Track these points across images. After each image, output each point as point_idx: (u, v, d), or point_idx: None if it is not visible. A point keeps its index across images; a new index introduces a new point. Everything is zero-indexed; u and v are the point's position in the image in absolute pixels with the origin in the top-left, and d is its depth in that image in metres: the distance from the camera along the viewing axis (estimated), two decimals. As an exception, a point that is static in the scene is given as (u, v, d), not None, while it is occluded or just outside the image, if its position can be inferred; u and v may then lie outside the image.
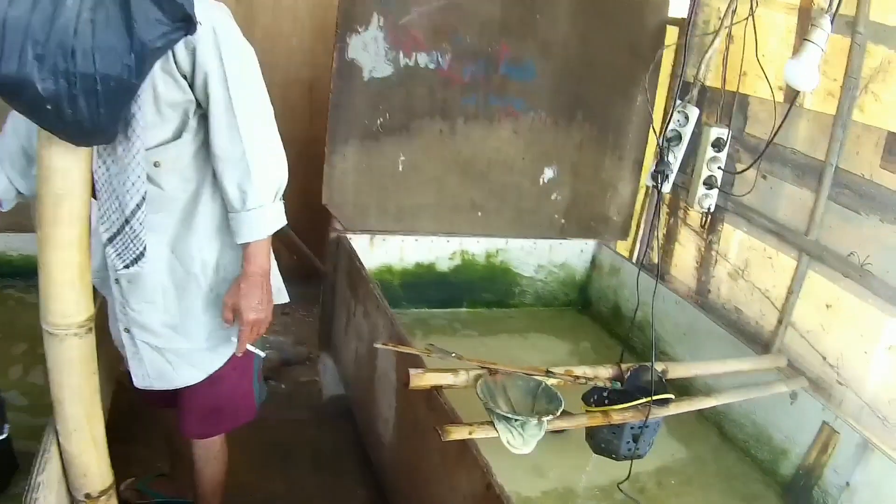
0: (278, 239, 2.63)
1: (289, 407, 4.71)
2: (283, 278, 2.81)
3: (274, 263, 2.76)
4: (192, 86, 2.34)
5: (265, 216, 2.51)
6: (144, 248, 2.37)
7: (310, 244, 6.06)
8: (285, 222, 2.59)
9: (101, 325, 2.70)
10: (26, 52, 1.72)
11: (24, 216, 3.29)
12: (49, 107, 1.79)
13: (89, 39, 1.78)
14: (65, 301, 2.17)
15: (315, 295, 5.01)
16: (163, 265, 2.57)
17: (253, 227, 2.50)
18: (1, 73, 1.72)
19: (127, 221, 2.32)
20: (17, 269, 4.47)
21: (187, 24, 1.96)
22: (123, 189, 2.27)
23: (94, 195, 2.27)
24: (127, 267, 2.38)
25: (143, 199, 2.29)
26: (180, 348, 2.72)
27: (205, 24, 2.20)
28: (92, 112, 1.85)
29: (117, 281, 2.56)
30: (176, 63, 2.25)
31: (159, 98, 2.31)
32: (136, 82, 1.89)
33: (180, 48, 2.21)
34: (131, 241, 2.35)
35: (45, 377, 2.29)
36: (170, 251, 2.57)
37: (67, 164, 2.02)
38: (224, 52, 2.30)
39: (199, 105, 2.40)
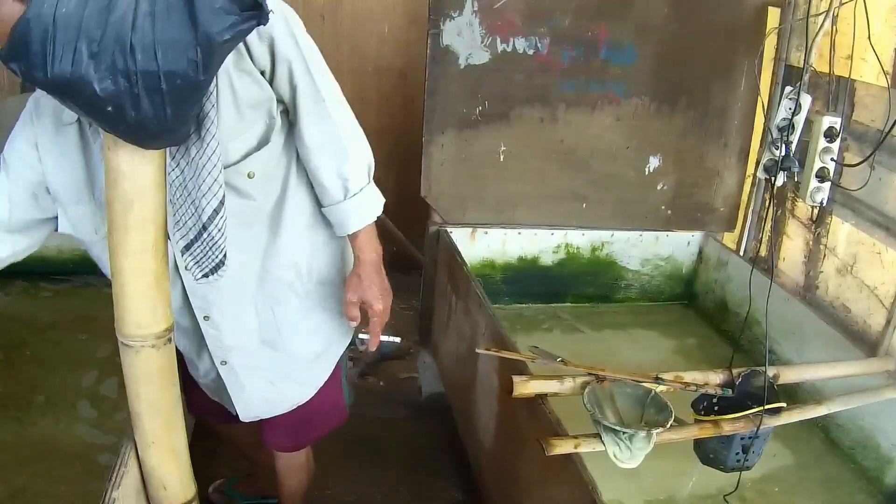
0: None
1: (386, 404, 4.67)
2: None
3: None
4: (272, 81, 2.23)
5: (369, 199, 2.45)
6: (224, 256, 2.24)
7: (409, 234, 6.01)
8: (384, 200, 2.52)
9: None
10: (81, 50, 1.60)
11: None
12: (110, 108, 1.67)
13: (150, 33, 1.64)
14: (139, 311, 2.06)
15: (415, 286, 4.92)
16: (253, 280, 2.48)
17: (362, 213, 2.45)
18: (54, 73, 1.60)
19: (204, 228, 2.18)
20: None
21: (258, 13, 1.81)
22: (199, 194, 2.13)
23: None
24: (206, 276, 2.26)
25: (222, 203, 2.15)
26: (282, 365, 2.64)
27: (276, 13, 2.07)
28: (158, 112, 1.72)
29: (206, 318, 2.47)
30: (252, 59, 2.15)
31: (240, 101, 2.18)
32: (203, 79, 1.76)
33: (255, 43, 2.12)
34: (210, 249, 2.22)
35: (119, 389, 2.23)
36: (260, 264, 2.47)
37: (136, 168, 1.90)
38: (300, 40, 2.21)
39: (279, 101, 2.30)
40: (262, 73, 2.20)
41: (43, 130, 2.18)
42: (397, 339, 2.71)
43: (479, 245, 4.52)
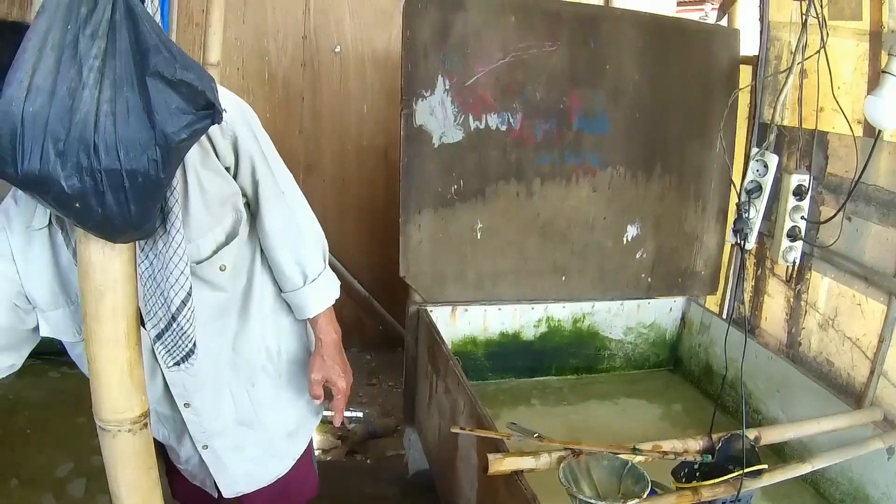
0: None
1: (374, 482, 4.67)
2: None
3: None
4: (236, 176, 2.36)
5: (327, 283, 2.57)
6: (194, 345, 2.29)
7: (395, 312, 6.03)
8: (339, 282, 2.63)
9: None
10: (48, 148, 1.66)
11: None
12: (77, 205, 1.73)
13: (112, 133, 1.70)
14: (115, 398, 2.10)
15: (402, 364, 4.90)
16: (226, 365, 2.54)
17: (320, 297, 2.55)
18: (24, 170, 1.65)
19: (174, 318, 2.24)
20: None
21: (213, 112, 1.87)
22: (167, 285, 2.19)
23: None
24: (178, 364, 2.31)
25: (189, 294, 2.21)
26: (261, 442, 2.69)
27: (232, 110, 2.25)
28: (122, 209, 1.78)
29: (187, 405, 2.53)
30: (218, 156, 2.28)
31: (208, 198, 2.28)
32: (164, 176, 1.81)
33: (219, 140, 2.25)
34: (180, 338, 2.27)
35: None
36: (231, 350, 2.53)
37: (106, 259, 1.95)
38: (259, 135, 2.39)
39: (242, 194, 2.41)
40: (227, 169, 2.32)
41: (15, 240, 2.22)
42: (359, 414, 2.76)
43: (461, 322, 4.53)
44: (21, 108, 1.63)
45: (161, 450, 2.67)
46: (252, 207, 2.46)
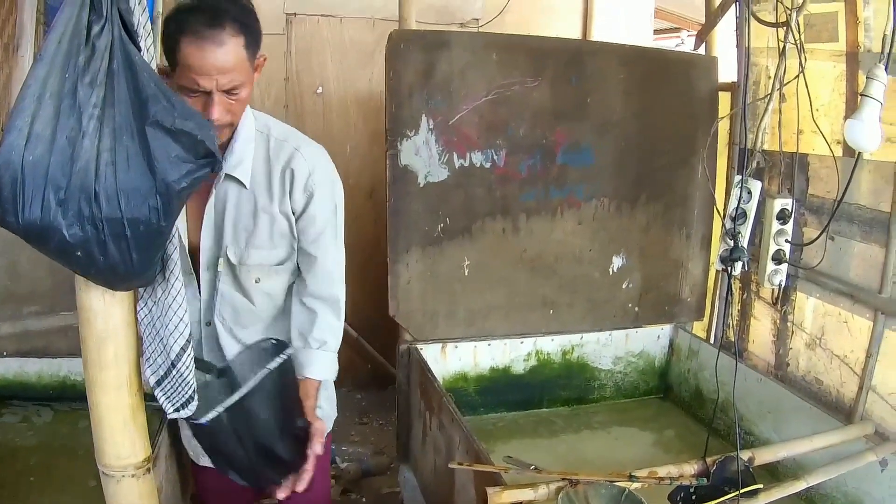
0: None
1: (369, 520, 4.65)
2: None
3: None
4: (298, 219, 2.77)
5: (334, 360, 2.90)
6: (194, 392, 2.31)
7: (384, 350, 6.03)
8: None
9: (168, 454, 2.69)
10: (48, 197, 1.68)
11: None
12: (79, 253, 1.76)
13: (112, 182, 1.74)
14: (117, 444, 2.13)
15: (392, 402, 4.93)
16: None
17: (325, 366, 2.84)
18: (25, 219, 1.68)
19: (173, 365, 2.26)
20: (82, 394, 4.36)
21: (212, 160, 1.92)
22: (166, 332, 2.22)
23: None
24: (177, 410, 2.32)
25: (188, 341, 2.24)
26: None
27: (323, 174, 2.79)
28: (124, 257, 1.81)
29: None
30: (291, 202, 2.72)
31: (274, 228, 2.74)
32: (165, 224, 1.84)
33: (298, 189, 2.71)
34: (179, 385, 2.29)
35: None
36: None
37: (108, 307, 1.98)
38: (338, 207, 2.89)
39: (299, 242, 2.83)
40: (294, 213, 2.76)
41: None
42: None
43: (451, 359, 4.54)
44: (21, 157, 1.65)
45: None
46: (300, 261, 2.86)
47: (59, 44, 1.69)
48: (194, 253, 2.74)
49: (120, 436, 2.13)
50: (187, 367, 2.28)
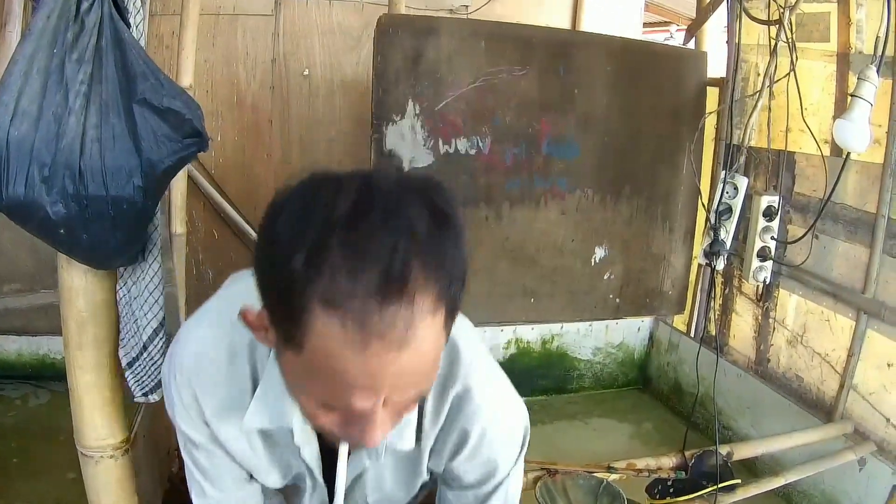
0: None
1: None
2: None
3: None
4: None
5: None
6: None
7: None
8: None
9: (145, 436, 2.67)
10: (33, 174, 1.67)
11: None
12: (62, 230, 1.74)
13: (98, 159, 1.72)
14: (95, 424, 2.13)
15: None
16: None
17: None
18: (8, 196, 1.67)
19: (145, 347, 2.23)
20: (61, 373, 4.31)
21: (199, 140, 1.87)
22: (141, 312, 2.19)
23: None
24: (145, 395, 2.29)
25: (161, 324, 2.20)
26: None
27: (512, 435, 1.71)
28: (108, 236, 1.79)
29: None
30: (455, 463, 1.68)
31: (414, 485, 1.77)
32: (149, 204, 1.82)
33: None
34: (150, 368, 2.26)
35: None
36: None
37: (89, 286, 1.97)
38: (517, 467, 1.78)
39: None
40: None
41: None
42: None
43: (431, 346, 4.48)
44: (6, 133, 1.63)
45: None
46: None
47: (47, 19, 1.68)
48: None
49: (99, 417, 2.13)
50: (158, 351, 2.25)
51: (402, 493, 1.78)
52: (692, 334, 5.05)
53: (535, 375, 4.87)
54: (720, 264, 4.16)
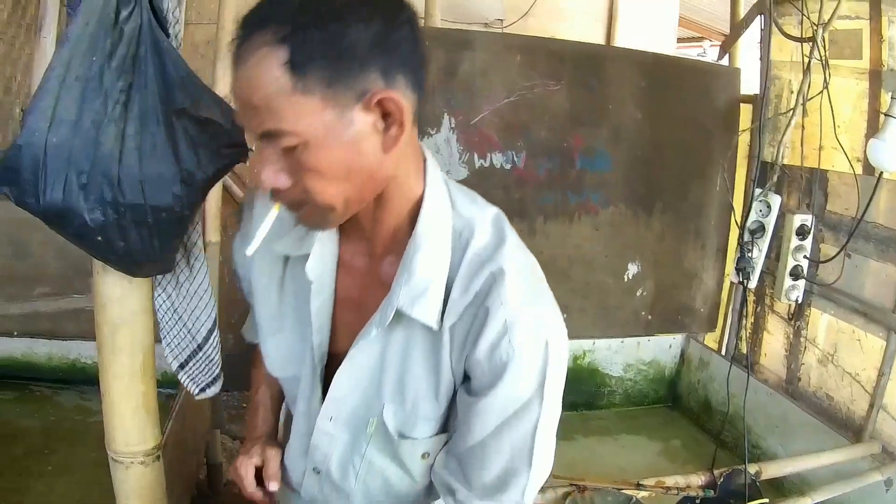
0: None
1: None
2: None
3: None
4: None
5: None
6: (220, 370, 2.31)
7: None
8: None
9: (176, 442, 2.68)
10: (71, 180, 1.68)
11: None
12: (99, 238, 1.75)
13: (136, 168, 1.73)
14: (128, 431, 2.14)
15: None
16: None
17: None
18: (46, 201, 1.68)
19: (199, 347, 2.27)
20: (91, 377, 4.23)
21: (239, 150, 1.88)
22: (193, 317, 2.22)
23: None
24: (202, 391, 2.31)
25: (215, 323, 2.24)
26: None
27: (537, 337, 1.60)
28: (145, 243, 1.80)
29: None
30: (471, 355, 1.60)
31: (441, 389, 1.71)
32: (188, 213, 1.82)
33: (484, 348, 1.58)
34: (205, 366, 2.29)
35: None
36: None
37: (124, 293, 1.98)
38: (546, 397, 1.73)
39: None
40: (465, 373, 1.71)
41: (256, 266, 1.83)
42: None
43: (463, 361, 4.47)
44: (45, 139, 1.64)
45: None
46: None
47: (85, 26, 1.69)
48: None
49: (130, 422, 2.13)
50: (214, 348, 2.30)
51: (427, 391, 1.71)
52: (723, 352, 5.01)
53: (567, 391, 4.73)
54: (752, 282, 4.14)
